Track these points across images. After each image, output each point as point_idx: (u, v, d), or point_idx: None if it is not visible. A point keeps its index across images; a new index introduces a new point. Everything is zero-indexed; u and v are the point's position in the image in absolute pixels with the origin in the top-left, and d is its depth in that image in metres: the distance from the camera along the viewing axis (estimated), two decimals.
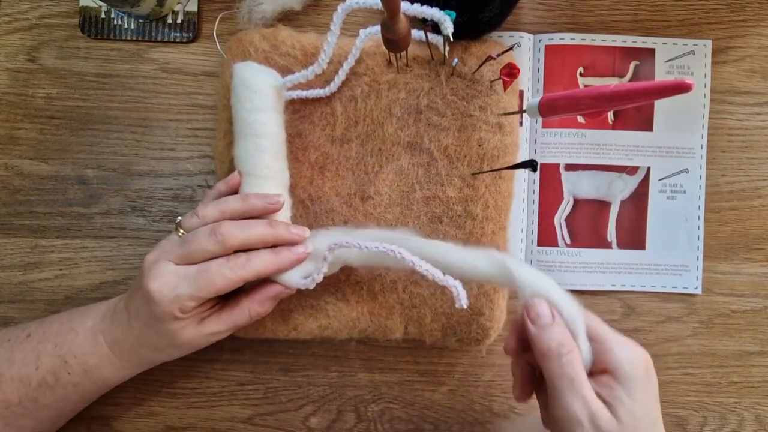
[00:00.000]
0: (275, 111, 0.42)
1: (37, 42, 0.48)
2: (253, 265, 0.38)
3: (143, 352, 0.41)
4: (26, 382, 0.39)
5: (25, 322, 0.43)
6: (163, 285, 0.37)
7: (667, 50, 0.48)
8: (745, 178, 0.49)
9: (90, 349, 0.40)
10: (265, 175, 0.41)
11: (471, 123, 0.44)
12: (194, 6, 0.48)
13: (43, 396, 0.40)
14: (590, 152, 0.48)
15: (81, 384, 0.40)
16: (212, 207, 0.40)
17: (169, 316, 0.38)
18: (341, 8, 0.39)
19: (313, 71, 0.42)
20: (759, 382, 0.49)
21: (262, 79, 0.41)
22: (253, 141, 0.40)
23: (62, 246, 0.48)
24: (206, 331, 0.40)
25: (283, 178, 0.42)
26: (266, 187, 0.41)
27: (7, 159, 0.48)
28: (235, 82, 0.41)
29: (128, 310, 0.40)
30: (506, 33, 0.48)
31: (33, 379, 0.39)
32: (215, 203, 0.40)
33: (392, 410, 0.48)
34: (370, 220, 0.44)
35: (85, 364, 0.40)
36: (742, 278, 0.49)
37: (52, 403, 0.40)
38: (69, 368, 0.40)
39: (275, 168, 0.41)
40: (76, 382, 0.40)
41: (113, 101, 0.48)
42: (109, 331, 0.40)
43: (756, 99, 0.49)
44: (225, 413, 0.48)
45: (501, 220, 0.45)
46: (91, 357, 0.40)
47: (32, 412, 0.40)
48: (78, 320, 0.41)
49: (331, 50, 0.41)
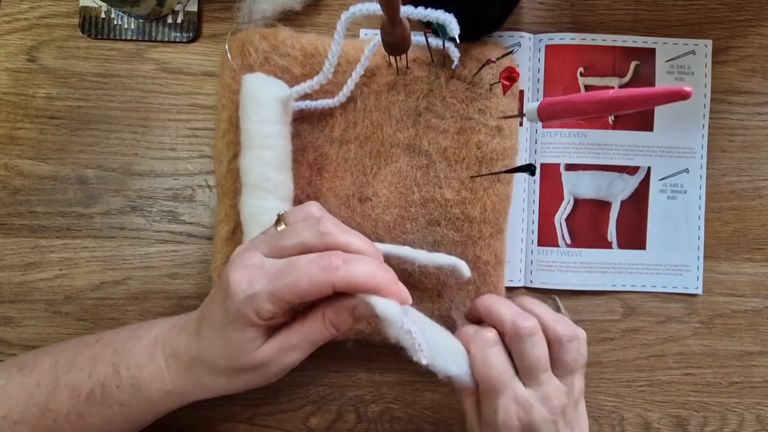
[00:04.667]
0: (281, 123, 0.42)
1: (37, 42, 0.48)
2: (350, 269, 0.31)
3: (200, 373, 0.35)
4: (77, 392, 0.36)
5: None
6: (244, 277, 0.32)
7: (667, 50, 0.48)
8: (746, 177, 0.49)
9: (145, 360, 0.36)
10: (266, 187, 0.41)
11: (470, 126, 0.44)
12: (194, 6, 0.48)
13: (89, 412, 0.36)
14: (590, 152, 0.48)
15: (128, 403, 0.36)
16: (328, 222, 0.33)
17: (242, 318, 0.32)
18: (344, 17, 0.39)
19: (318, 81, 0.42)
20: (759, 383, 0.49)
21: (268, 90, 0.41)
22: (256, 153, 0.41)
23: (62, 246, 0.48)
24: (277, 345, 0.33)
25: (285, 190, 0.42)
26: (267, 200, 0.41)
27: (7, 159, 0.48)
28: (243, 93, 0.41)
29: (202, 315, 0.35)
30: (506, 33, 0.48)
31: (84, 390, 0.35)
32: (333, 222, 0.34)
33: (392, 410, 0.48)
34: (368, 221, 0.44)
35: (135, 378, 0.35)
36: (743, 278, 0.49)
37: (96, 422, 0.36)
38: (119, 381, 0.35)
39: (277, 180, 0.41)
40: (122, 401, 0.36)
41: (113, 101, 0.48)
42: (170, 341, 0.36)
43: (756, 99, 0.49)
44: (225, 413, 0.48)
45: (499, 223, 0.45)
46: (144, 370, 0.35)
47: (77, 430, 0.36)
48: (146, 328, 0.37)
49: (336, 59, 0.41)
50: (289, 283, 0.31)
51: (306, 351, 0.35)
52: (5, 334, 0.47)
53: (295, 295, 0.31)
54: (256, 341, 0.33)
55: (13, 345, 0.47)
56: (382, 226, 0.44)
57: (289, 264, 0.31)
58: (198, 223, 0.48)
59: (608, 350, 0.49)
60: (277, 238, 0.33)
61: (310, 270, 0.31)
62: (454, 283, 0.44)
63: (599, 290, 0.49)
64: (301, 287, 0.31)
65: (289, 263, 0.31)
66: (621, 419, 0.48)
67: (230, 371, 0.34)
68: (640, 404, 0.48)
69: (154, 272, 0.48)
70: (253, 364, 0.33)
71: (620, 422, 0.48)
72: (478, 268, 0.44)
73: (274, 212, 0.40)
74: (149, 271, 0.48)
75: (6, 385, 0.37)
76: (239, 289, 0.31)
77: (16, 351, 0.47)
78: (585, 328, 0.48)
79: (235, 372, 0.34)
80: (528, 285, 0.49)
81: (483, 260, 0.44)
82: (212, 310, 0.34)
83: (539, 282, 0.48)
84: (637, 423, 0.48)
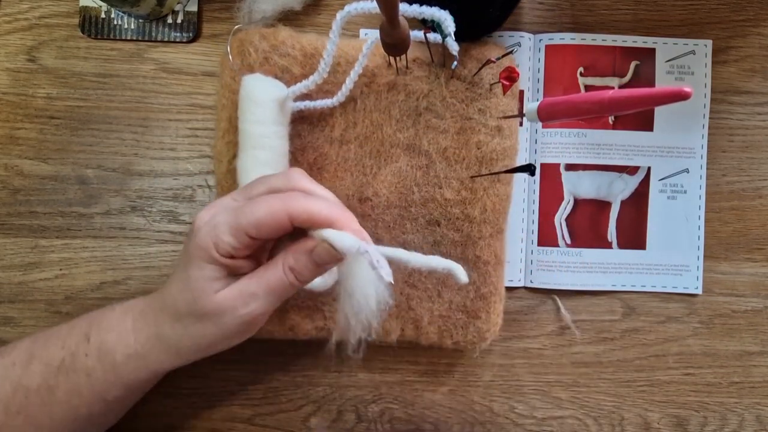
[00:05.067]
0: (278, 123, 0.41)
1: (37, 42, 0.48)
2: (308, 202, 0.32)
3: (161, 324, 0.35)
4: (49, 365, 0.36)
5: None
6: (208, 213, 0.33)
7: (667, 50, 0.48)
8: (746, 177, 0.49)
9: (114, 323, 0.36)
10: None
11: (470, 126, 0.44)
12: (194, 6, 0.48)
13: (57, 385, 0.36)
14: (590, 152, 0.48)
15: (93, 372, 0.35)
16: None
17: (202, 253, 0.32)
18: (339, 16, 0.38)
19: (314, 81, 0.42)
20: (759, 383, 0.49)
21: (265, 91, 0.41)
22: (253, 153, 0.41)
23: (62, 246, 0.48)
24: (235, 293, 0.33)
25: None
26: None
27: (7, 159, 0.48)
28: (241, 93, 0.41)
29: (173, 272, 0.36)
30: (506, 33, 0.48)
31: (55, 360, 0.36)
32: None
33: (392, 410, 0.48)
34: (368, 221, 0.44)
35: (102, 342, 0.35)
36: (743, 278, 0.49)
37: (64, 396, 0.36)
38: (87, 348, 0.35)
39: None
40: (89, 369, 0.35)
41: (113, 101, 0.48)
42: (141, 302, 0.36)
43: (756, 99, 0.49)
44: (225, 413, 0.48)
45: (499, 223, 0.45)
46: (111, 332, 0.35)
47: (47, 405, 0.36)
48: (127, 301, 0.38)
49: (331, 59, 0.41)
50: (247, 212, 0.32)
51: (267, 301, 0.34)
52: (5, 334, 0.47)
53: (251, 224, 0.31)
54: (216, 283, 0.33)
55: None
56: (382, 226, 0.44)
57: (249, 201, 0.33)
58: None
59: (608, 350, 0.49)
60: (249, 185, 0.35)
61: (269, 201, 0.32)
62: (453, 283, 0.44)
63: (599, 290, 0.49)
64: (258, 216, 0.31)
65: (252, 201, 0.33)
66: (621, 419, 0.48)
67: (189, 316, 0.34)
68: (640, 404, 0.48)
69: (154, 272, 0.48)
70: (211, 308, 0.33)
71: (620, 422, 0.48)
72: (478, 268, 0.44)
73: None
74: (149, 271, 0.48)
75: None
76: (201, 223, 0.33)
77: None
78: (585, 328, 0.49)
79: (193, 318, 0.34)
80: (528, 285, 0.49)
81: (483, 260, 0.44)
82: (179, 260, 0.35)
83: (539, 282, 0.48)
84: (637, 423, 0.48)
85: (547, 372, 0.49)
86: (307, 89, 0.42)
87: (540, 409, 0.48)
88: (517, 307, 0.49)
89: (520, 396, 0.48)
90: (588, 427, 0.48)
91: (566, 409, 0.48)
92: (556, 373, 0.49)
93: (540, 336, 0.49)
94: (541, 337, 0.49)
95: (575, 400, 0.48)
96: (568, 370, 0.49)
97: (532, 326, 0.49)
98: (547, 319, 0.49)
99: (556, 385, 0.49)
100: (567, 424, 0.48)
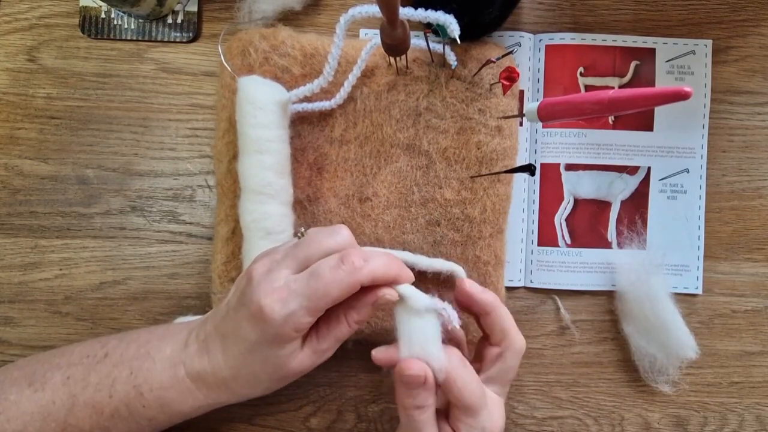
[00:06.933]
0: (280, 127, 0.41)
1: (37, 42, 0.48)
2: (371, 266, 0.33)
3: (237, 387, 0.36)
4: (99, 410, 0.36)
5: (106, 335, 0.40)
6: (276, 301, 0.33)
7: (667, 50, 0.48)
8: (746, 177, 0.49)
9: (168, 382, 0.36)
10: (267, 192, 0.40)
11: (470, 126, 0.44)
12: (194, 6, 0.48)
13: (115, 427, 0.37)
14: (590, 152, 0.48)
15: (156, 418, 0.37)
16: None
17: (282, 338, 0.33)
18: (343, 20, 0.39)
19: (318, 84, 0.42)
20: (759, 383, 0.49)
21: (266, 94, 0.41)
22: (256, 158, 0.40)
23: (62, 246, 0.48)
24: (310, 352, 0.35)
25: (285, 194, 0.42)
26: (268, 205, 0.41)
27: (7, 159, 0.48)
28: (240, 96, 0.41)
29: (221, 335, 0.36)
30: (506, 33, 0.48)
31: (106, 409, 0.36)
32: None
33: (392, 410, 0.48)
34: (368, 221, 0.44)
35: (162, 399, 0.36)
36: (743, 278, 0.49)
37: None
38: (144, 401, 0.36)
39: (278, 185, 0.41)
40: (150, 417, 0.36)
41: (113, 101, 0.48)
42: (191, 363, 0.36)
43: (756, 99, 0.49)
44: (225, 413, 0.48)
45: (499, 223, 0.45)
46: (170, 391, 0.36)
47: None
48: (156, 345, 0.37)
49: (336, 63, 0.41)
50: (322, 295, 0.32)
51: (334, 350, 0.37)
52: (5, 334, 0.47)
53: (328, 303, 0.33)
54: (295, 352, 0.35)
55: (13, 345, 0.47)
56: (382, 226, 0.44)
57: (313, 274, 0.33)
58: (198, 223, 0.48)
59: (608, 350, 0.49)
60: (302, 248, 0.35)
61: (337, 276, 0.33)
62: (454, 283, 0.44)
63: (599, 290, 0.49)
64: (334, 295, 0.33)
65: (313, 276, 0.33)
66: (621, 419, 0.48)
67: (270, 380, 0.36)
68: (640, 404, 0.48)
69: (154, 272, 0.48)
70: (293, 373, 0.36)
71: (620, 422, 0.48)
72: (478, 268, 0.44)
73: (275, 217, 0.41)
74: (149, 271, 0.48)
75: (18, 400, 0.37)
76: (275, 313, 0.33)
77: (16, 351, 0.47)
78: (585, 329, 0.49)
79: (275, 381, 0.37)
80: (528, 285, 0.49)
81: (483, 260, 0.44)
82: (237, 334, 0.35)
83: (539, 282, 0.48)
84: (637, 423, 0.48)
85: (547, 372, 0.49)
86: (311, 93, 0.42)
87: (540, 409, 0.48)
88: (517, 307, 0.49)
89: (520, 396, 0.48)
90: (588, 427, 0.48)
91: (566, 409, 0.48)
92: (556, 373, 0.49)
93: (540, 336, 0.49)
94: (541, 337, 0.49)
95: (575, 400, 0.48)
96: (568, 370, 0.49)
97: (532, 326, 0.49)
98: (547, 319, 0.49)
99: (556, 385, 0.49)
100: (567, 424, 0.48)
